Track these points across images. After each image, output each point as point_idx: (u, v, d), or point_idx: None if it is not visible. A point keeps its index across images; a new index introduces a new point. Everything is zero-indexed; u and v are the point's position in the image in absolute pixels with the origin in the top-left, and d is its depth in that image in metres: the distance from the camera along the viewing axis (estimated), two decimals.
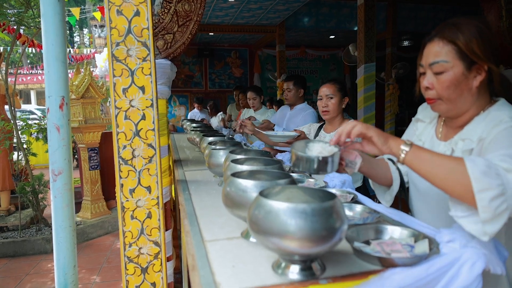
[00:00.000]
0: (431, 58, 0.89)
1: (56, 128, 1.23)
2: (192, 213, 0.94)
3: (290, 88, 2.77)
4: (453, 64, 0.86)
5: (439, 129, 1.00)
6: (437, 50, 0.88)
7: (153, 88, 1.08)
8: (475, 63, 0.85)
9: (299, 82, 2.79)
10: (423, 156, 0.73)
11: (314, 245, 0.50)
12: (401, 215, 0.78)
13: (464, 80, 0.86)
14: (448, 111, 0.91)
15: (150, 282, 1.13)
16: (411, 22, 6.77)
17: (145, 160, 1.07)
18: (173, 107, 8.69)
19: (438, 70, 0.87)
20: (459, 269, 0.54)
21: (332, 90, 1.85)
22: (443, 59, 0.86)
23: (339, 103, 1.85)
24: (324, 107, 1.86)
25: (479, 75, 0.86)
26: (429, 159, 0.71)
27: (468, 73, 0.86)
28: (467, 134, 0.89)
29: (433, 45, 0.89)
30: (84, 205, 4.08)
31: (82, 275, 2.98)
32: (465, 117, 0.92)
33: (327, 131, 1.92)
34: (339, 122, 1.89)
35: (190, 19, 1.61)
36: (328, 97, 1.85)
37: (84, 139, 3.96)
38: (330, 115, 1.86)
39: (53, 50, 1.16)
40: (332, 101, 1.84)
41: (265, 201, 0.52)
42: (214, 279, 0.54)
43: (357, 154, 0.79)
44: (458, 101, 0.88)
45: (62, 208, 1.26)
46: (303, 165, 0.69)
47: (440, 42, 0.88)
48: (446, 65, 0.86)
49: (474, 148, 0.85)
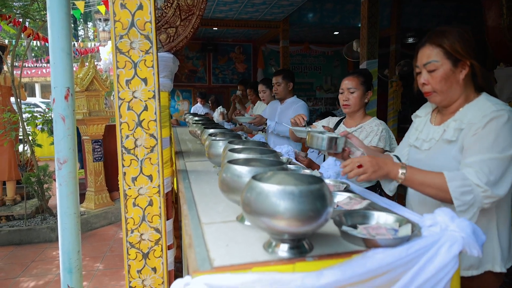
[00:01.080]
0: (424, 60, 1.10)
1: (61, 118, 1.27)
2: (191, 199, 0.98)
3: (279, 82, 2.78)
4: (442, 63, 1.07)
5: (433, 118, 1.21)
6: (428, 53, 1.09)
7: (155, 80, 1.11)
8: (459, 60, 1.07)
9: (288, 76, 2.79)
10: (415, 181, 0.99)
11: (301, 225, 0.54)
12: (389, 202, 0.82)
13: (452, 75, 1.07)
14: (442, 101, 1.12)
15: (151, 267, 1.17)
16: (415, 19, 6.74)
17: (147, 150, 1.10)
18: (177, 101, 8.73)
19: (431, 68, 1.08)
20: (438, 250, 0.58)
21: (354, 83, 1.75)
22: (434, 59, 1.08)
23: (361, 97, 1.75)
24: (345, 101, 1.77)
25: (464, 70, 1.08)
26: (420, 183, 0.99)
27: (455, 69, 1.07)
28: (459, 117, 1.08)
29: (425, 49, 1.11)
30: (88, 196, 4.15)
31: (86, 263, 3.05)
32: (455, 105, 1.12)
33: (347, 125, 1.84)
34: (360, 116, 1.80)
35: (192, 13, 1.64)
36: (349, 91, 1.75)
37: (88, 131, 4.02)
38: (350, 109, 1.77)
39: (58, 42, 1.20)
40: (354, 95, 1.73)
41: (256, 184, 0.56)
42: (209, 256, 0.58)
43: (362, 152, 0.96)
44: (449, 92, 1.09)
45: (67, 195, 1.31)
46: (316, 142, 0.91)
47: (430, 46, 1.10)
48: (437, 64, 1.08)
49: (464, 128, 1.05)
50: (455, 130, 1.07)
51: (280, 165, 0.72)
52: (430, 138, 1.14)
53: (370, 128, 1.71)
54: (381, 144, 1.65)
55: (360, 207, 0.77)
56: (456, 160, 1.05)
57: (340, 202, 0.82)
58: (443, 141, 1.10)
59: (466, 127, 1.04)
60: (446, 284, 0.58)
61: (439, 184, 0.96)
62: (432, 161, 1.10)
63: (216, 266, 0.55)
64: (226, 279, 0.51)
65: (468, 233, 0.59)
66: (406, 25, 6.64)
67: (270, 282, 0.51)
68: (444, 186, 0.95)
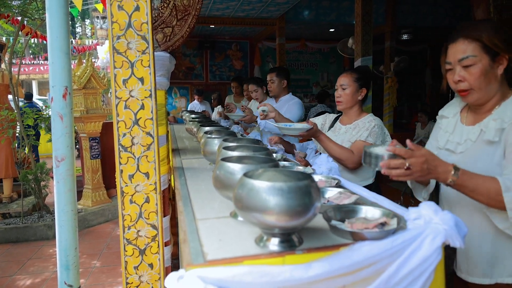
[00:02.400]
0: (459, 55, 1.02)
1: (59, 116, 1.29)
2: (186, 195, 1.01)
3: (273, 80, 2.74)
4: (481, 57, 1.00)
5: (463, 118, 1.13)
6: (464, 47, 1.02)
7: (151, 79, 1.13)
8: (497, 54, 1.00)
9: (282, 73, 2.75)
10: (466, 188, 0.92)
11: (290, 219, 0.56)
12: (377, 197, 0.85)
13: (490, 70, 1.01)
14: (479, 99, 1.05)
15: (147, 263, 1.19)
16: (411, 16, 6.77)
17: (144, 148, 1.12)
18: (174, 98, 8.73)
19: (468, 63, 1.01)
20: (421, 242, 0.61)
21: (347, 80, 1.75)
22: (471, 54, 1.00)
23: (354, 94, 1.74)
24: (338, 98, 1.78)
25: (502, 65, 1.02)
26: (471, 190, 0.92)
27: (493, 64, 1.01)
28: (499, 115, 1.02)
29: (459, 44, 1.03)
30: (85, 193, 4.16)
31: (83, 260, 3.08)
32: (490, 103, 1.05)
33: (343, 123, 1.83)
34: (355, 114, 1.79)
35: (188, 13, 1.66)
36: (342, 87, 1.77)
37: (85, 128, 4.03)
38: (342, 106, 1.78)
39: (57, 42, 1.22)
40: (346, 91, 1.74)
41: (247, 181, 0.58)
42: (202, 250, 0.61)
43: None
44: (487, 89, 1.02)
45: (64, 192, 1.33)
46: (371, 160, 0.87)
47: (465, 41, 1.02)
48: (474, 59, 1.00)
49: (505, 128, 0.99)
50: (497, 131, 0.99)
51: (272, 163, 0.75)
52: (465, 139, 1.07)
53: (363, 124, 1.71)
54: (370, 139, 1.64)
55: (349, 201, 0.79)
56: (499, 166, 0.99)
57: (331, 197, 0.85)
58: (483, 142, 1.03)
59: (508, 126, 0.98)
60: (430, 274, 0.61)
61: (493, 193, 0.90)
62: (469, 164, 1.01)
63: (209, 260, 0.57)
64: (218, 272, 0.53)
65: (450, 226, 0.62)
66: (401, 22, 6.67)
67: (260, 274, 0.53)
68: (499, 196, 0.89)
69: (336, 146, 1.65)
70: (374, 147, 0.92)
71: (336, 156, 1.64)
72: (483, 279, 1.06)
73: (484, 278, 1.06)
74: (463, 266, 1.11)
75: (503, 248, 1.03)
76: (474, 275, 1.08)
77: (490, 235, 1.04)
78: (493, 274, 1.04)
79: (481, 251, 1.06)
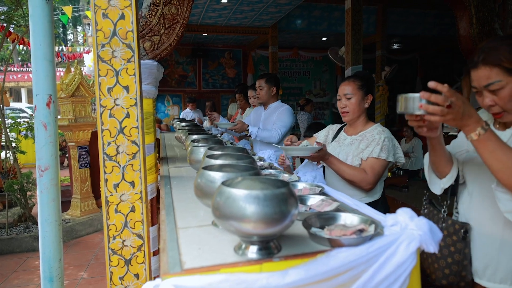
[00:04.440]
0: (484, 82, 1.03)
1: (43, 125, 1.28)
2: (170, 204, 1.01)
3: (262, 86, 2.65)
4: (507, 81, 1.01)
5: (496, 123, 1.14)
6: (487, 74, 1.02)
7: (137, 88, 1.13)
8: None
9: (271, 80, 2.66)
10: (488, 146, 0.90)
11: (267, 227, 0.57)
12: (357, 203, 0.86)
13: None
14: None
15: (133, 273, 1.17)
16: (400, 26, 6.92)
17: (129, 156, 1.12)
18: (167, 106, 8.72)
19: (495, 88, 1.02)
20: (397, 248, 0.62)
21: (351, 88, 1.59)
22: (496, 79, 1.01)
23: (360, 103, 1.59)
24: (343, 108, 1.62)
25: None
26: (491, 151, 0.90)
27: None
28: None
29: (481, 71, 1.03)
30: (74, 203, 4.10)
31: (69, 272, 3.01)
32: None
33: (348, 133, 1.68)
34: (362, 123, 1.64)
35: (176, 22, 1.67)
36: (346, 97, 1.60)
37: (74, 137, 3.99)
38: (350, 117, 1.61)
39: (41, 50, 1.22)
40: (352, 100, 1.59)
41: (225, 189, 0.59)
42: (181, 259, 0.61)
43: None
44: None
45: (48, 203, 1.31)
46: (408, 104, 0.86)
47: (487, 67, 1.02)
48: (501, 83, 1.01)
49: None
50: None
51: (252, 171, 0.75)
52: None
53: (371, 136, 1.56)
54: (383, 154, 1.49)
55: (330, 208, 0.80)
56: None
57: (313, 204, 0.86)
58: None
59: None
60: (405, 279, 0.62)
61: (510, 162, 0.89)
62: None
63: (186, 269, 0.57)
64: (194, 280, 0.53)
65: (425, 231, 0.63)
66: (392, 32, 6.81)
67: (237, 282, 0.53)
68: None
69: (348, 168, 1.49)
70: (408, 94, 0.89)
71: (349, 179, 1.49)
72: (502, 285, 1.06)
73: (503, 284, 1.06)
74: (476, 268, 1.12)
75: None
76: (491, 280, 1.08)
77: (510, 240, 1.04)
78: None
79: (500, 257, 1.06)
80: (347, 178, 1.49)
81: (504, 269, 1.05)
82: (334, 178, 1.59)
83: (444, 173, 1.16)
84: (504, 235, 1.05)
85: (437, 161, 1.15)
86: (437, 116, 0.87)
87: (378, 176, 1.51)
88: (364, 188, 1.51)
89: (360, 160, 1.53)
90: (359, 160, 1.53)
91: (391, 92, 6.75)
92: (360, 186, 1.50)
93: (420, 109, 0.86)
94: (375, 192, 1.60)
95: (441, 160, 1.14)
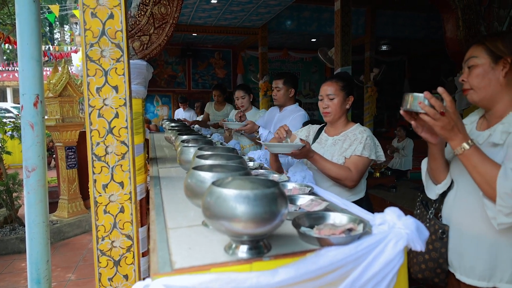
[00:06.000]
0: (467, 57, 1.10)
1: (30, 125, 1.25)
2: (160, 205, 1.00)
3: (279, 87, 2.46)
4: (482, 58, 1.05)
5: (479, 125, 1.18)
6: (472, 50, 1.09)
7: (126, 88, 1.12)
8: (500, 57, 1.04)
9: (290, 81, 2.47)
10: (470, 162, 0.96)
11: (257, 226, 0.57)
12: (346, 203, 0.88)
13: (491, 71, 1.05)
14: (480, 100, 1.10)
15: (122, 274, 1.16)
16: (389, 28, 7.02)
17: (118, 157, 1.11)
18: (156, 107, 8.64)
19: (470, 64, 1.08)
20: (385, 246, 0.63)
21: (333, 88, 1.61)
22: (474, 55, 1.07)
23: (342, 104, 1.62)
24: (325, 108, 1.64)
25: (505, 68, 1.05)
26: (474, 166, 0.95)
27: (494, 66, 1.05)
28: (507, 121, 1.06)
29: (471, 49, 1.10)
30: (61, 204, 4.03)
31: (57, 273, 2.96)
32: (501, 108, 1.08)
33: (329, 134, 1.69)
34: (342, 124, 1.66)
35: (166, 21, 1.67)
36: (329, 97, 1.62)
37: (61, 137, 3.92)
38: (331, 117, 1.63)
39: (28, 49, 1.20)
40: (334, 101, 1.60)
41: (215, 189, 0.59)
42: (171, 259, 0.61)
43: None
44: (487, 90, 1.07)
45: (35, 204, 1.29)
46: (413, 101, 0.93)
47: (475, 45, 1.10)
48: (475, 59, 1.06)
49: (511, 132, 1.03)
50: (502, 133, 1.03)
51: (243, 171, 0.76)
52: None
53: (354, 136, 1.58)
54: (365, 152, 1.52)
55: (319, 208, 0.81)
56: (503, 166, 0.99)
57: (302, 204, 0.87)
58: (488, 144, 1.07)
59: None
60: (392, 277, 0.63)
61: (489, 176, 0.93)
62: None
63: (176, 268, 0.57)
64: (185, 280, 0.53)
65: (412, 230, 0.64)
66: (380, 33, 6.91)
67: (227, 281, 0.54)
68: (493, 181, 0.92)
69: (333, 166, 1.50)
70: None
71: (334, 176, 1.51)
72: (480, 282, 1.07)
73: (481, 281, 1.07)
74: (456, 265, 1.14)
75: (503, 253, 1.04)
76: (470, 277, 1.09)
77: (490, 238, 1.05)
78: (492, 278, 1.05)
79: (478, 254, 1.07)
80: (332, 175, 1.51)
81: (483, 266, 1.06)
82: (318, 177, 1.58)
83: (440, 180, 1.20)
84: (483, 233, 1.07)
85: (435, 168, 1.19)
86: (430, 118, 0.92)
87: (361, 173, 1.55)
88: (348, 185, 1.53)
89: (344, 159, 1.55)
90: (342, 159, 1.56)
91: (379, 94, 6.85)
92: (345, 183, 1.52)
93: (420, 108, 0.92)
94: (360, 190, 1.63)
95: (439, 168, 1.18)
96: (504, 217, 0.93)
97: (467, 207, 1.11)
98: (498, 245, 1.04)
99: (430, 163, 1.20)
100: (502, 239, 1.03)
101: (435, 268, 1.16)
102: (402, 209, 0.82)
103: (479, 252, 1.07)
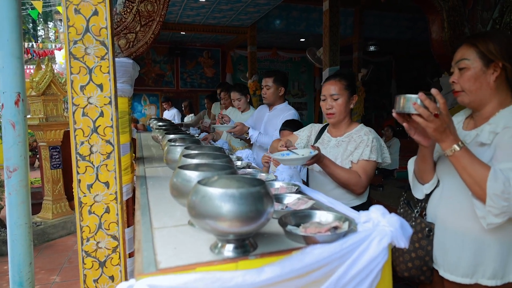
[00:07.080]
0: (457, 58, 1.10)
1: (11, 124, 1.22)
2: (145, 205, 0.99)
3: (269, 86, 2.40)
4: (474, 61, 1.06)
5: (465, 125, 1.19)
6: (463, 51, 1.09)
7: (111, 86, 1.10)
8: (492, 61, 1.05)
9: (280, 79, 2.41)
10: (460, 163, 0.96)
11: (243, 225, 0.57)
12: (332, 201, 0.88)
13: (482, 75, 1.06)
14: (470, 102, 1.10)
15: (108, 275, 1.14)
16: (376, 28, 7.12)
17: (103, 156, 1.09)
18: (144, 106, 8.54)
19: (462, 66, 1.08)
20: (369, 244, 0.64)
21: (338, 88, 1.48)
22: (465, 57, 1.07)
23: (347, 104, 1.50)
24: (329, 109, 1.51)
25: (496, 72, 1.06)
26: (463, 167, 0.96)
27: (486, 69, 1.06)
28: (494, 121, 1.06)
29: (461, 48, 1.11)
30: (45, 205, 3.94)
31: (41, 276, 2.89)
32: (489, 110, 1.09)
33: (332, 135, 1.59)
34: (346, 124, 1.55)
35: (153, 19, 1.65)
36: (332, 97, 1.49)
37: (45, 137, 3.83)
38: (336, 119, 1.52)
39: (8, 46, 1.16)
40: (338, 102, 1.48)
41: (201, 188, 0.58)
42: (156, 259, 0.60)
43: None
44: (478, 93, 1.07)
45: (17, 205, 1.25)
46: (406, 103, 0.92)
47: (466, 46, 1.09)
48: (467, 62, 1.06)
49: (499, 132, 1.03)
50: (490, 133, 1.04)
51: (229, 170, 0.75)
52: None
53: (359, 138, 1.48)
54: (373, 156, 1.43)
55: (305, 207, 0.82)
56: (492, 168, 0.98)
57: (289, 203, 0.87)
58: (476, 144, 1.08)
59: (502, 131, 1.01)
60: (377, 274, 0.64)
61: (479, 177, 0.94)
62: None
63: (161, 268, 0.57)
64: (169, 280, 0.53)
65: (396, 228, 0.65)
66: (368, 34, 6.99)
67: (212, 280, 0.54)
68: (483, 182, 0.93)
69: (342, 171, 1.41)
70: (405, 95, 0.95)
71: (343, 182, 1.41)
72: (464, 278, 1.08)
73: (464, 278, 1.08)
74: (440, 261, 1.16)
75: (486, 250, 1.05)
76: (454, 274, 1.11)
77: (474, 236, 1.06)
78: (474, 275, 1.07)
79: (463, 251, 1.08)
80: (341, 181, 1.42)
81: (467, 263, 1.08)
82: (321, 182, 1.52)
83: (427, 180, 1.21)
84: (468, 231, 1.09)
85: (423, 169, 1.20)
86: (423, 119, 0.92)
87: (370, 178, 1.47)
88: (357, 192, 1.45)
89: (351, 163, 1.46)
90: (349, 163, 1.46)
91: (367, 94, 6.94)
92: (354, 189, 1.44)
93: (413, 109, 0.92)
94: (365, 194, 1.54)
95: (427, 169, 1.19)
96: (494, 218, 0.95)
97: (453, 205, 1.12)
98: (482, 243, 1.06)
99: (419, 164, 1.21)
100: (486, 237, 1.05)
101: (422, 266, 1.18)
102: (389, 207, 0.83)
103: (463, 249, 1.09)
